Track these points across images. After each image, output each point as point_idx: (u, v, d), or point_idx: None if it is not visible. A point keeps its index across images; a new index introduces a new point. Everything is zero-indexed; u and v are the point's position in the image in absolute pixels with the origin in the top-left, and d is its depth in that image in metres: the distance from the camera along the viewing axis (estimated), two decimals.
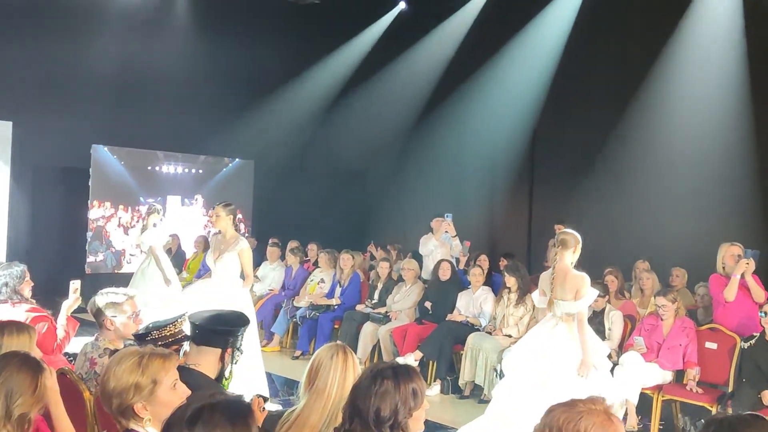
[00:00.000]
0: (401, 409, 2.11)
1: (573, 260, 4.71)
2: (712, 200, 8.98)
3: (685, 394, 5.29)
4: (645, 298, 6.83)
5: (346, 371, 2.56)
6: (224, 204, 5.85)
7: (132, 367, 2.15)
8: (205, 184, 11.81)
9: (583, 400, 1.98)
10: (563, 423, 1.87)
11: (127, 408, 2.13)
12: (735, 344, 5.49)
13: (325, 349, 2.66)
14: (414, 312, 7.41)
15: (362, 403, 2.11)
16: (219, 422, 1.67)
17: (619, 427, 1.92)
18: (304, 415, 2.51)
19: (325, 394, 2.50)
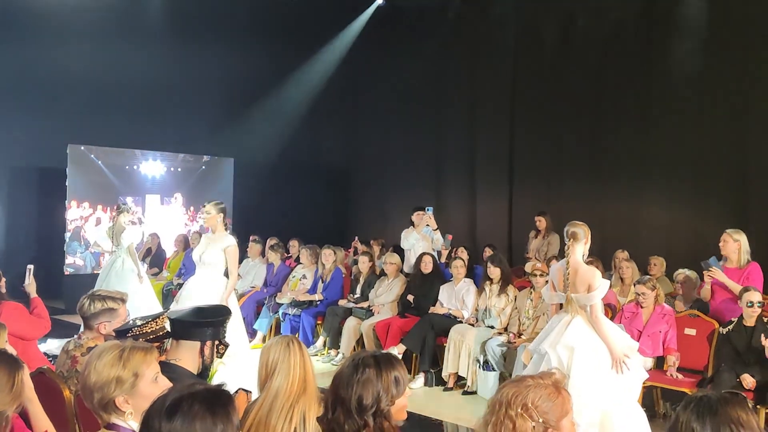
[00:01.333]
0: (383, 396, 2.11)
1: (585, 252, 4.61)
2: (689, 190, 9.10)
3: (665, 380, 5.35)
4: (625, 287, 6.90)
5: (305, 361, 2.56)
6: (215, 202, 5.86)
7: (113, 361, 2.13)
8: (184, 182, 11.73)
9: (532, 375, 2.02)
10: (512, 397, 1.91)
11: (108, 402, 2.11)
12: (714, 330, 5.57)
13: (277, 342, 2.65)
14: (396, 306, 7.42)
15: (344, 391, 2.11)
16: (198, 412, 1.66)
17: (566, 397, 1.96)
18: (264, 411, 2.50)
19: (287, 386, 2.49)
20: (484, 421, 1.98)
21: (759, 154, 8.55)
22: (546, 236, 8.61)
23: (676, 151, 9.20)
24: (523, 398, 1.92)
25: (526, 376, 2.05)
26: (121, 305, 3.61)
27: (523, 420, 1.90)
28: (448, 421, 5.55)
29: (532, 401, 1.91)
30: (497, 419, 1.92)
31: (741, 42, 8.62)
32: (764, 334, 5.06)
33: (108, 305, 3.56)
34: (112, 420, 2.12)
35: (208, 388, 1.77)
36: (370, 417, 2.08)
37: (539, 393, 1.93)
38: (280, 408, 2.49)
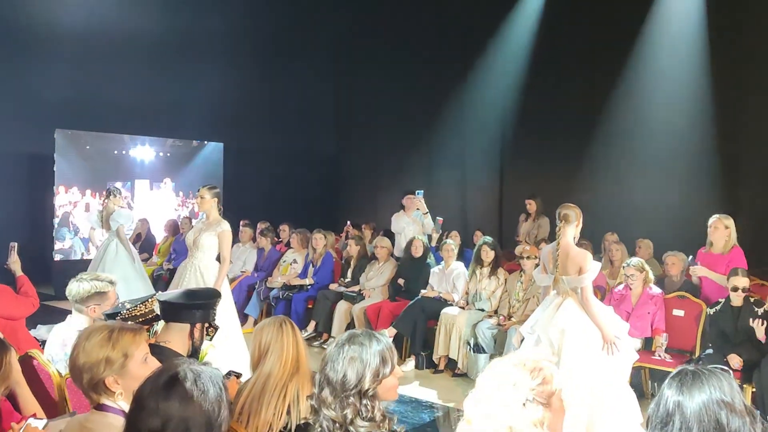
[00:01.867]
0: (368, 375, 2.12)
1: (576, 234, 4.61)
2: (677, 173, 9.14)
3: (653, 361, 5.40)
4: (615, 269, 6.93)
5: (297, 342, 2.58)
6: (209, 186, 5.83)
7: (102, 342, 2.13)
8: (173, 167, 11.67)
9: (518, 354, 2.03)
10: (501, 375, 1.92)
11: (98, 382, 2.11)
12: (701, 311, 5.62)
13: (269, 323, 2.66)
14: (387, 289, 7.44)
15: (331, 370, 2.11)
16: (193, 388, 1.66)
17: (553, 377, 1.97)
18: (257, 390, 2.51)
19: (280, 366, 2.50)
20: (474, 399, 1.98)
21: (748, 137, 8.60)
22: (536, 219, 8.63)
23: (665, 134, 9.23)
24: (513, 376, 1.92)
25: (516, 354, 2.06)
26: (110, 288, 3.59)
27: (513, 398, 1.90)
28: (439, 404, 5.59)
29: (523, 379, 1.92)
30: (488, 397, 1.93)
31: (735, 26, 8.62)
32: (751, 315, 5.11)
33: (98, 288, 3.55)
34: (102, 401, 2.12)
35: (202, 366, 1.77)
36: (356, 395, 2.09)
37: (528, 370, 1.94)
38: (273, 387, 2.51)
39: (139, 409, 1.66)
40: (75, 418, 2.22)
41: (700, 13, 8.89)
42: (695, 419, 1.70)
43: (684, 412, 1.72)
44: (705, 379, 1.76)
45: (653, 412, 1.81)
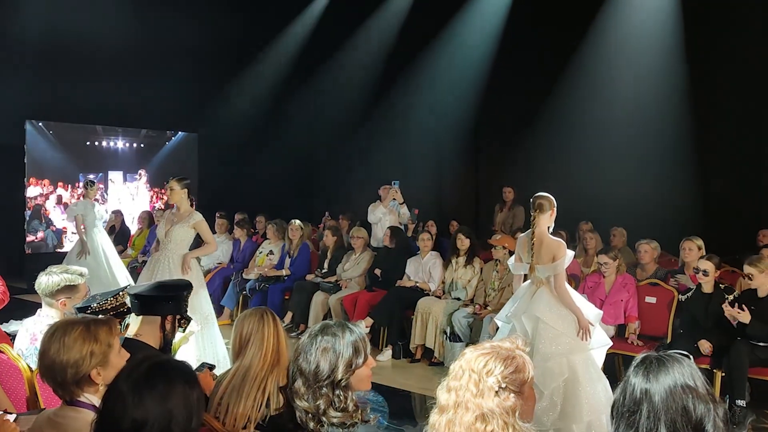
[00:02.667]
0: (340, 365, 2.12)
1: (550, 223, 4.59)
2: (650, 162, 9.24)
3: (626, 348, 5.48)
4: (589, 258, 7.01)
5: (278, 333, 2.57)
6: (179, 178, 5.75)
7: (83, 336, 2.13)
8: (147, 158, 11.54)
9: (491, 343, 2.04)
10: (475, 363, 1.93)
11: (83, 377, 2.11)
12: (673, 298, 5.71)
13: (250, 314, 2.65)
14: (364, 280, 7.46)
15: (304, 360, 2.11)
16: (176, 378, 1.66)
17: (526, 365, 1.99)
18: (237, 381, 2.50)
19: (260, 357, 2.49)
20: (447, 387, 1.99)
21: (720, 126, 8.71)
22: (511, 209, 8.69)
23: (639, 123, 9.31)
24: (486, 363, 1.94)
25: (488, 342, 2.06)
26: (81, 281, 3.55)
27: (486, 385, 1.92)
28: (416, 392, 5.62)
29: (495, 366, 1.94)
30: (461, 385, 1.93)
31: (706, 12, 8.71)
32: (722, 301, 5.20)
33: (68, 281, 3.50)
34: (82, 395, 2.12)
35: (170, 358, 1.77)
36: (328, 386, 2.09)
37: (501, 358, 1.96)
38: (253, 378, 2.50)
39: (118, 402, 1.63)
40: (43, 413, 2.20)
41: None
42: (662, 407, 1.72)
43: (652, 399, 1.74)
44: (670, 365, 1.78)
45: (618, 401, 1.82)
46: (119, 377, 1.68)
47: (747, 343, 4.78)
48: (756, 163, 8.38)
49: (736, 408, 4.62)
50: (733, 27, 8.47)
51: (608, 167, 9.59)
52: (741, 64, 8.44)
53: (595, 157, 9.69)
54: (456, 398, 1.94)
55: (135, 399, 1.60)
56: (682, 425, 1.69)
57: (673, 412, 1.71)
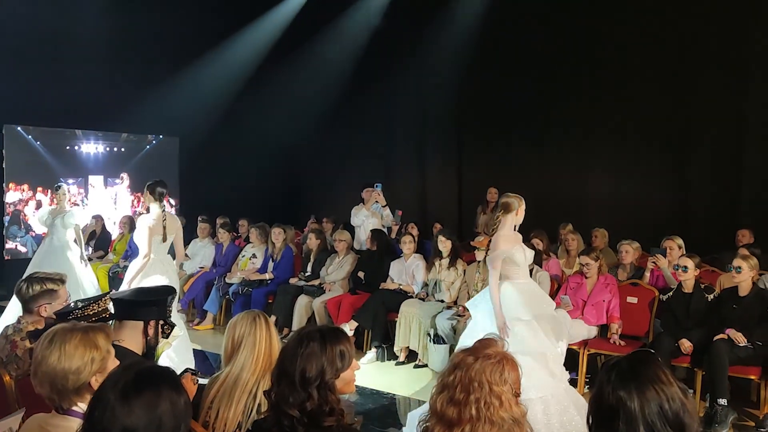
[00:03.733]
0: (327, 369, 2.11)
1: (516, 222, 4.62)
2: (630, 164, 9.33)
3: (609, 348, 5.52)
4: (571, 259, 7.05)
5: (271, 336, 2.56)
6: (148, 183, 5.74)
7: (83, 343, 2.14)
8: (128, 162, 11.44)
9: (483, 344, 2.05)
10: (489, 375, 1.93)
11: (83, 384, 2.11)
12: (654, 297, 5.77)
13: (242, 317, 2.63)
14: (347, 283, 7.45)
15: (289, 364, 2.10)
16: (162, 384, 1.65)
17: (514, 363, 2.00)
18: (229, 384, 2.49)
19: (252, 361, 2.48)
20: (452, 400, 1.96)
21: (698, 128, 8.81)
22: (494, 210, 8.71)
23: (621, 124, 9.40)
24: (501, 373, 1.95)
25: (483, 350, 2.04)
26: (60, 286, 3.52)
27: (507, 395, 1.93)
28: (400, 395, 5.62)
29: (509, 374, 1.96)
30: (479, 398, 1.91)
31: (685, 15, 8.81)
32: (702, 300, 5.27)
33: (47, 287, 3.47)
34: (81, 402, 2.11)
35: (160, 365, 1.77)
36: (314, 389, 2.08)
37: (509, 365, 1.98)
38: (245, 383, 2.48)
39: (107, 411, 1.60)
40: (34, 419, 2.19)
41: None
42: (639, 411, 1.71)
43: (626, 404, 1.72)
44: (639, 368, 1.78)
45: (595, 410, 1.81)
46: (105, 386, 1.66)
47: (727, 342, 4.84)
48: (734, 165, 8.48)
49: (717, 407, 4.67)
50: (711, 30, 8.59)
51: (590, 169, 9.67)
52: (720, 67, 8.55)
53: (577, 159, 9.77)
54: (476, 413, 1.91)
55: (124, 408, 1.58)
56: (662, 426, 1.70)
57: (650, 414, 1.71)
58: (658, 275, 6.06)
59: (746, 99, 8.36)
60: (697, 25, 8.67)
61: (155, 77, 10.64)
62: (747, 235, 7.31)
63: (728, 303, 5.09)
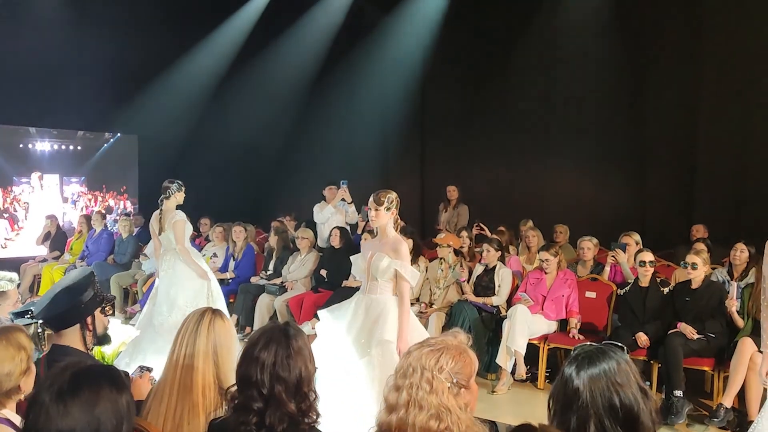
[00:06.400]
0: (311, 367, 2.12)
1: (393, 222, 4.25)
2: (590, 161, 9.48)
3: (568, 342, 5.59)
4: (531, 255, 7.13)
5: (220, 334, 2.48)
6: None
7: (10, 344, 2.13)
8: (85, 161, 11.19)
9: (434, 337, 2.06)
10: (425, 360, 1.94)
11: (12, 388, 2.11)
12: (612, 292, 5.87)
13: (192, 314, 2.56)
14: (310, 281, 7.40)
15: (283, 369, 2.06)
16: (101, 383, 1.60)
17: (473, 357, 2.02)
18: (162, 385, 2.42)
19: (194, 357, 2.41)
20: (395, 387, 1.99)
21: (654, 126, 8.99)
22: (456, 207, 8.78)
23: (579, 123, 9.54)
24: (437, 360, 1.94)
25: (432, 338, 2.07)
26: (10, 287, 3.41)
27: (439, 381, 1.92)
28: None
29: (446, 362, 1.94)
30: (411, 383, 1.93)
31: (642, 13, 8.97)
32: (657, 294, 5.38)
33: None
34: (7, 407, 2.11)
35: (101, 364, 1.72)
36: (309, 391, 2.08)
37: (450, 354, 1.96)
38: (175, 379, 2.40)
39: (42, 414, 1.55)
40: None
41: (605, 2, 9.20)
42: (591, 404, 1.73)
43: (581, 396, 1.75)
44: (598, 360, 1.79)
45: (554, 395, 1.84)
46: (41, 388, 1.61)
47: (680, 335, 4.94)
48: (688, 162, 8.69)
49: (673, 398, 4.76)
50: (665, 29, 8.77)
51: (550, 167, 9.80)
52: (674, 66, 8.74)
53: (537, 157, 9.90)
54: (407, 396, 1.93)
55: (60, 409, 1.54)
56: (611, 423, 1.71)
57: (600, 408, 1.72)
58: (617, 270, 6.16)
59: (698, 98, 8.56)
60: (653, 23, 8.84)
61: (112, 76, 10.41)
62: (701, 229, 7.49)
63: (681, 296, 5.19)
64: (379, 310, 4.05)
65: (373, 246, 4.22)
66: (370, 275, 4.13)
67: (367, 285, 4.18)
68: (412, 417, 1.89)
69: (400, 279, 4.06)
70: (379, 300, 4.08)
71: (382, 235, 4.21)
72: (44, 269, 8.94)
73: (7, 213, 10.27)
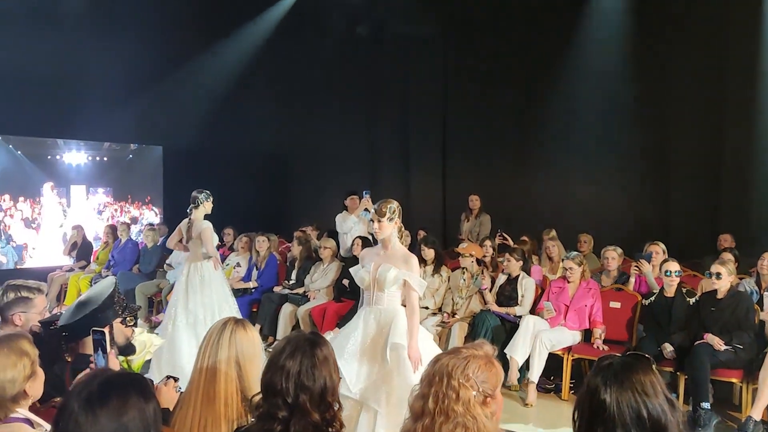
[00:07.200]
0: (335, 376, 2.12)
1: (398, 232, 4.16)
2: (613, 170, 9.41)
3: (592, 353, 5.53)
4: (554, 265, 7.09)
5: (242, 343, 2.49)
6: None
7: (12, 352, 2.18)
8: (111, 172, 11.36)
9: (465, 346, 2.06)
10: (452, 368, 1.93)
11: (19, 392, 2.15)
12: (637, 302, 5.80)
13: (214, 325, 2.58)
14: (332, 290, 7.42)
15: (308, 378, 2.07)
16: (129, 391, 1.62)
17: (499, 368, 2.01)
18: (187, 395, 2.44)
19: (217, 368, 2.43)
20: (421, 395, 1.99)
21: (677, 136, 8.90)
22: (478, 217, 8.76)
23: (602, 131, 9.48)
24: (464, 369, 1.94)
25: (460, 348, 2.07)
26: (36, 295, 3.45)
27: (465, 390, 1.92)
28: None
29: (473, 371, 1.94)
30: (437, 391, 1.93)
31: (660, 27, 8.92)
32: (683, 305, 5.31)
33: (22, 294, 3.39)
34: (16, 410, 2.15)
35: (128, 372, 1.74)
36: (332, 400, 2.09)
37: (477, 363, 1.96)
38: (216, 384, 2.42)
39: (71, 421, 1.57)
40: None
41: (627, 13, 9.16)
42: (618, 416, 1.71)
43: (608, 408, 1.72)
44: (626, 372, 1.77)
45: (581, 406, 1.82)
46: (70, 396, 1.64)
47: (707, 346, 4.87)
48: (715, 171, 8.58)
49: (700, 410, 4.69)
50: (689, 38, 8.70)
51: (573, 176, 9.74)
52: (698, 74, 8.65)
53: (560, 166, 9.84)
54: (433, 405, 1.93)
55: (89, 417, 1.56)
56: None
57: (627, 420, 1.70)
58: (642, 280, 6.09)
59: (723, 106, 8.47)
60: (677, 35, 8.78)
61: (136, 87, 10.56)
62: (728, 239, 7.38)
63: (707, 307, 5.12)
64: (389, 318, 4.04)
65: (378, 257, 4.14)
66: (377, 286, 4.10)
67: (372, 296, 4.14)
68: (438, 425, 1.88)
69: (408, 289, 4.04)
70: (388, 310, 4.07)
71: (385, 246, 4.13)
72: (71, 279, 9.07)
73: (35, 223, 10.44)
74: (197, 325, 5.72)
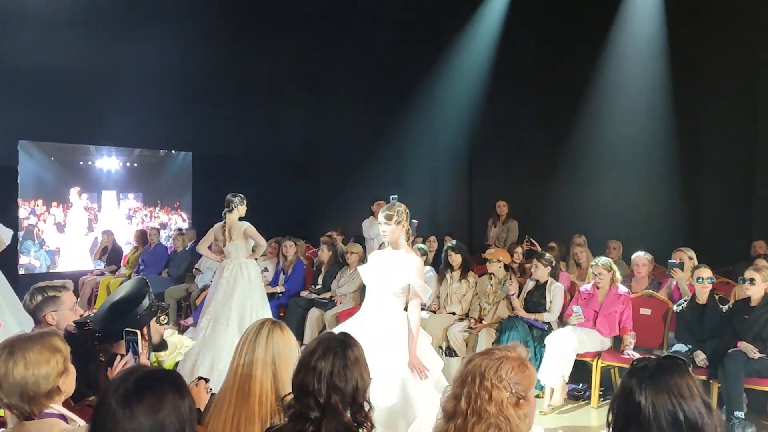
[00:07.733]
0: (366, 377, 2.13)
1: (406, 235, 4.19)
2: (643, 176, 9.31)
3: (622, 360, 5.46)
4: (583, 271, 7.03)
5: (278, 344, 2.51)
6: None
7: (46, 348, 2.20)
8: (141, 177, 11.53)
9: (498, 347, 2.05)
10: (485, 369, 1.93)
11: (53, 388, 2.18)
12: (668, 309, 5.72)
13: (253, 324, 2.60)
14: (359, 295, 7.43)
15: (339, 378, 2.08)
16: (165, 388, 1.65)
17: (532, 370, 2.01)
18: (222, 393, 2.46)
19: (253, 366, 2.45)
20: (453, 395, 1.99)
21: (708, 143, 8.80)
22: (505, 223, 8.72)
23: (632, 137, 9.39)
24: (497, 370, 1.94)
25: (493, 349, 2.07)
26: (63, 292, 3.48)
27: (498, 391, 1.91)
28: None
29: (506, 372, 1.94)
30: (470, 391, 1.93)
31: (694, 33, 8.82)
32: (715, 310, 5.22)
33: (49, 294, 3.43)
34: (50, 406, 2.18)
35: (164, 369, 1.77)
36: (363, 401, 2.10)
37: (510, 365, 1.96)
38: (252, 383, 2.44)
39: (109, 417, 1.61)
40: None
41: (661, 19, 9.09)
42: (653, 418, 1.70)
43: (643, 410, 1.71)
44: (662, 374, 1.75)
45: (615, 408, 1.80)
46: (107, 392, 1.67)
47: (741, 354, 4.78)
48: (748, 176, 8.45)
49: (734, 419, 4.61)
50: (721, 43, 8.59)
51: (601, 181, 9.65)
52: (731, 79, 8.54)
53: (588, 172, 9.76)
54: (466, 405, 1.93)
55: (126, 412, 1.59)
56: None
57: (663, 423, 1.68)
58: (675, 287, 6.00)
59: (756, 111, 8.34)
60: (710, 36, 8.67)
61: (168, 94, 10.70)
62: (763, 246, 7.26)
63: (740, 314, 5.03)
64: (388, 325, 4.00)
65: (386, 260, 4.15)
66: (382, 289, 4.09)
67: (375, 298, 4.15)
68: (471, 426, 1.88)
69: (412, 294, 4.04)
70: (389, 315, 4.04)
71: (394, 249, 4.15)
72: (101, 282, 9.22)
73: (66, 227, 10.62)
74: (243, 324, 5.78)
